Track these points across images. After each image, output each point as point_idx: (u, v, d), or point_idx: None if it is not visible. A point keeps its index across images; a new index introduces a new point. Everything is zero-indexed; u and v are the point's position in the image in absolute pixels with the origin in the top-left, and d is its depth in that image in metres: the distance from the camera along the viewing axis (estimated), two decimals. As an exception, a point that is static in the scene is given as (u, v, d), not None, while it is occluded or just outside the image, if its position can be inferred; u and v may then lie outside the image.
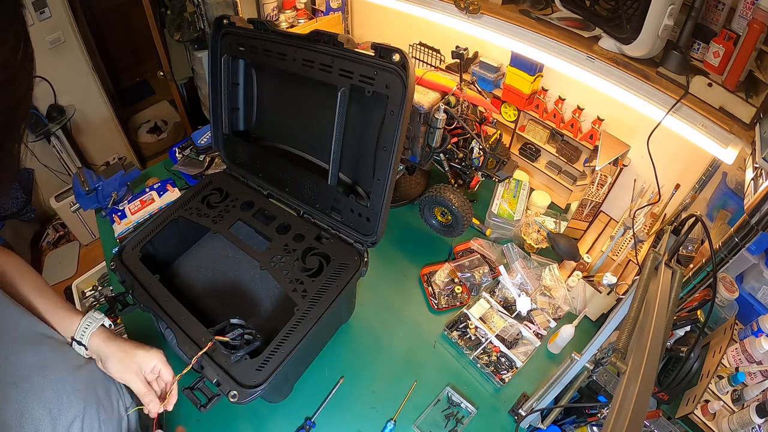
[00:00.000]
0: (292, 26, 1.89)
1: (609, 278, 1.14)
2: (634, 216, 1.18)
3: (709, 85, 0.92)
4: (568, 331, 1.12)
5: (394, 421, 1.02)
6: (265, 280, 1.09)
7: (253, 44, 1.04)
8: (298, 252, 1.01)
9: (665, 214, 1.26)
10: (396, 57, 0.81)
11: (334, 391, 1.07)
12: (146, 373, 0.78)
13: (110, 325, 0.82)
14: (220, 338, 0.82)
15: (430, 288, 1.30)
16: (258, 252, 1.02)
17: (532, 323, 1.21)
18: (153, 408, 0.77)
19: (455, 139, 1.27)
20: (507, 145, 1.58)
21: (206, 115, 2.72)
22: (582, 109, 1.36)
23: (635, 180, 1.32)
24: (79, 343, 0.76)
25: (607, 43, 1.04)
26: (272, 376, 0.80)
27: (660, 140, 1.01)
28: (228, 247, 1.16)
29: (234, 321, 0.86)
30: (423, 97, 1.18)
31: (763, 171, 0.78)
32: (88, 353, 0.78)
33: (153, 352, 0.79)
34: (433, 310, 1.25)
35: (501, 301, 1.26)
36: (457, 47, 1.22)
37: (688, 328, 0.97)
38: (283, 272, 0.97)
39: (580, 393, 0.98)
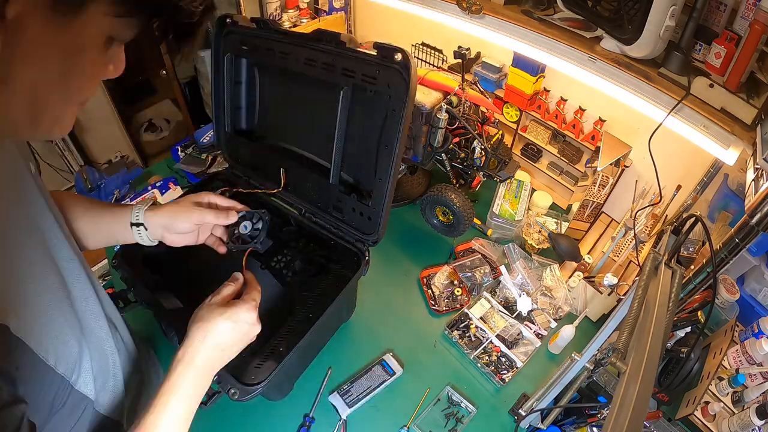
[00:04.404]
0: (294, 25, 1.90)
1: (610, 279, 1.14)
2: (635, 217, 1.19)
3: (711, 86, 0.92)
4: (568, 331, 1.12)
5: (407, 428, 1.03)
6: (265, 276, 1.09)
7: (255, 43, 1.04)
8: (300, 252, 1.01)
9: (666, 216, 1.26)
10: (398, 56, 0.81)
11: (325, 382, 1.08)
12: (204, 205, 0.83)
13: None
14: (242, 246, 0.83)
15: (429, 291, 1.29)
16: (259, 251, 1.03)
17: (533, 323, 1.21)
18: (231, 218, 0.83)
19: (457, 139, 1.27)
20: (509, 146, 1.58)
21: (209, 113, 2.72)
22: (584, 110, 1.36)
23: (636, 181, 1.32)
24: (138, 225, 0.78)
25: (609, 43, 1.04)
26: (272, 375, 0.80)
27: (661, 141, 1.01)
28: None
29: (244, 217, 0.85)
30: (425, 97, 1.19)
31: (763, 172, 0.78)
32: (150, 234, 0.79)
33: (202, 192, 0.85)
34: (433, 313, 1.26)
35: (502, 301, 1.26)
36: (459, 47, 1.22)
37: (688, 329, 0.97)
38: (284, 272, 0.97)
39: (580, 393, 0.98)
